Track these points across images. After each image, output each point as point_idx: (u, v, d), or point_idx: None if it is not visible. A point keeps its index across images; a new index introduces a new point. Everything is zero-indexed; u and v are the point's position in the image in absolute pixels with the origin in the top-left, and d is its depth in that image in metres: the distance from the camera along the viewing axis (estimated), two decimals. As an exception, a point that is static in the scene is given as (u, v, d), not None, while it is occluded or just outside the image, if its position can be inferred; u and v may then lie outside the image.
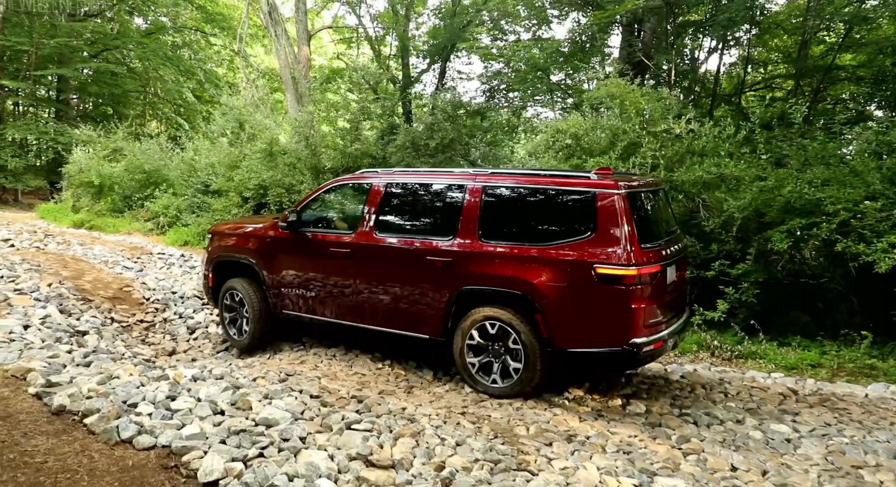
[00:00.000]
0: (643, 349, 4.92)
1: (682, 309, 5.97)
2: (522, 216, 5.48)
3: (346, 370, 6.04)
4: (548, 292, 5.08)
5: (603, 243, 4.92)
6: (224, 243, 7.36)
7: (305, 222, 6.66)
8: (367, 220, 6.15)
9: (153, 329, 8.23)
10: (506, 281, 5.28)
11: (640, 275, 4.85)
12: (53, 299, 7.75)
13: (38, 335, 6.38)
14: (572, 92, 19.86)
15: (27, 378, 4.99)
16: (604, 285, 4.88)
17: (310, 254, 6.50)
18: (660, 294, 5.18)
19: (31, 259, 9.40)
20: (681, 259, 5.85)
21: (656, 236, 5.42)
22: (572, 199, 5.20)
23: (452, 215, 5.68)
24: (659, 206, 5.93)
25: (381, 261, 5.99)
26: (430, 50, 24.83)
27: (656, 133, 8.92)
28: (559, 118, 10.22)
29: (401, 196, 6.24)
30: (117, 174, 17.55)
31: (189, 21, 30.53)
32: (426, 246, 5.72)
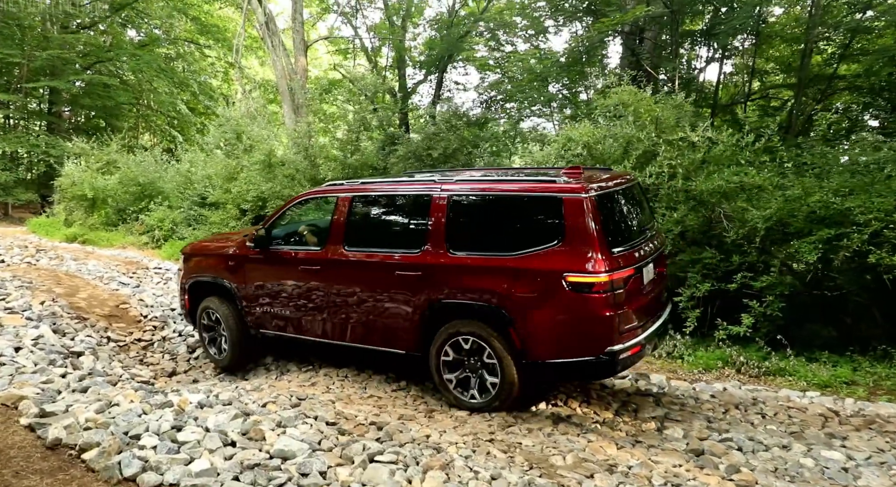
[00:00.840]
0: (620, 356, 4.75)
1: (662, 307, 5.77)
2: (490, 225, 5.28)
3: (360, 392, 5.68)
4: (519, 304, 4.90)
5: (572, 250, 4.74)
6: (197, 263, 7.23)
7: (275, 238, 6.51)
8: (335, 234, 5.98)
9: (152, 349, 7.87)
10: (476, 294, 5.11)
11: (612, 281, 4.67)
12: (46, 318, 7.37)
13: (30, 357, 6.00)
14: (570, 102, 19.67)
15: (19, 407, 4.62)
16: (575, 293, 4.71)
17: (281, 271, 6.35)
18: (636, 297, 5.00)
19: (22, 276, 9.01)
20: (659, 256, 5.68)
21: (630, 236, 5.25)
22: (539, 205, 5.01)
23: (420, 226, 5.51)
24: (633, 203, 5.74)
25: (352, 277, 5.85)
26: (426, 61, 24.62)
27: (672, 141, 8.63)
28: (569, 126, 9.87)
29: (368, 208, 6.07)
30: (111, 187, 17.15)
31: (183, 33, 30.26)
32: (395, 260, 5.56)
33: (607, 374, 5.22)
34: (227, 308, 6.83)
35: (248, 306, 6.65)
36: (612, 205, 5.19)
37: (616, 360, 4.74)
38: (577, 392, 6.20)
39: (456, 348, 5.33)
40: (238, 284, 6.70)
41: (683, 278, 8.32)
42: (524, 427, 4.95)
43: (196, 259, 7.29)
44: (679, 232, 8.11)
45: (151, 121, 32.30)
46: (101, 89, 26.97)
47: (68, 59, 26.50)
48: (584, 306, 4.70)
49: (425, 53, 26.21)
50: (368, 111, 15.82)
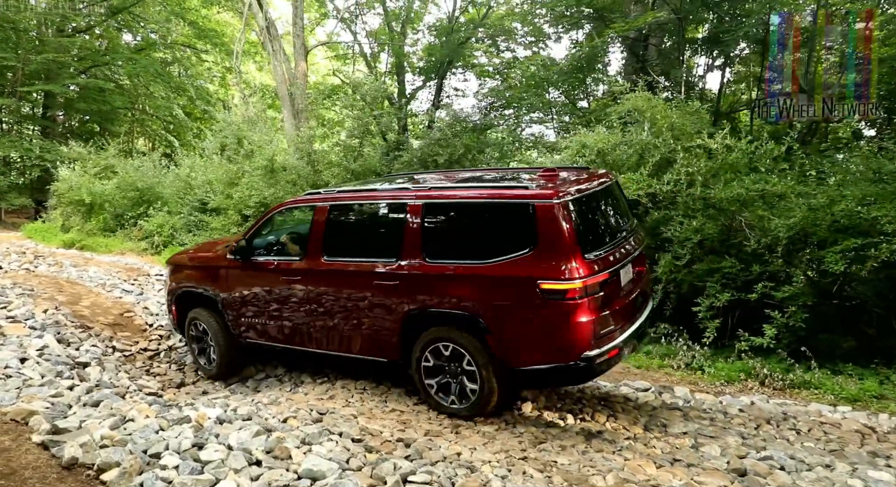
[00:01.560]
0: (597, 361, 4.72)
1: (642, 306, 5.70)
2: (465, 232, 5.28)
3: (381, 406, 5.48)
4: (494, 312, 4.89)
5: (545, 257, 4.68)
6: (182, 274, 7.20)
7: (256, 249, 6.51)
8: (314, 244, 5.95)
9: (158, 359, 7.65)
10: (452, 303, 5.09)
11: (587, 287, 4.63)
12: (50, 328, 7.14)
13: (36, 369, 5.78)
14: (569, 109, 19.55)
15: (29, 423, 4.40)
16: (550, 300, 4.66)
17: (262, 282, 6.34)
18: (612, 300, 4.95)
19: (22, 283, 8.76)
20: (637, 255, 5.62)
21: (606, 238, 5.22)
22: (512, 212, 4.94)
23: (396, 234, 5.45)
24: (610, 203, 5.71)
25: (333, 287, 5.80)
26: (427, 67, 24.49)
27: (690, 148, 8.50)
28: (582, 132, 9.72)
29: (345, 217, 6.04)
30: (109, 192, 16.89)
31: (180, 37, 30.00)
32: (373, 269, 5.51)
33: (584, 379, 5.20)
34: (214, 319, 6.81)
35: (233, 316, 6.64)
36: (587, 208, 5.13)
37: (593, 365, 4.72)
38: (601, 406, 6.03)
39: (436, 354, 5.32)
40: (223, 295, 6.68)
41: (702, 288, 8.17)
42: (556, 444, 4.76)
43: (181, 270, 7.25)
44: (698, 241, 7.95)
45: (147, 126, 32.00)
46: (97, 93, 26.68)
47: (64, 63, 26.21)
48: (558, 313, 4.67)
49: (424, 59, 26.12)
50: (371, 117, 15.65)
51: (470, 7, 25.53)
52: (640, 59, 15.85)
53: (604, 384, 6.94)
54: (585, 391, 6.67)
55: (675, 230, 8.17)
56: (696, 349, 7.98)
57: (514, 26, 24.26)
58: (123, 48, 29.19)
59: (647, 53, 15.90)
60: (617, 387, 6.77)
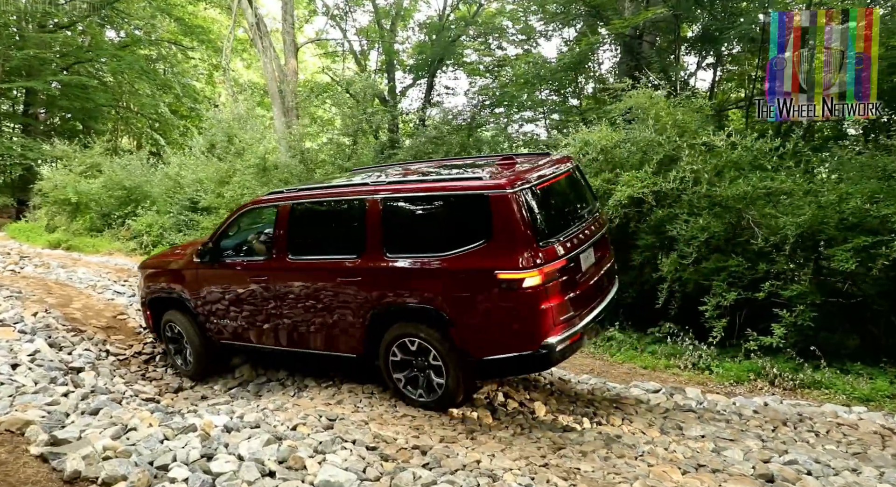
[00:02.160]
0: (558, 348, 4.74)
1: (605, 290, 5.71)
2: (423, 226, 5.35)
3: (391, 411, 5.30)
4: (456, 305, 4.93)
5: (501, 247, 4.72)
6: (155, 277, 7.23)
7: (223, 250, 6.55)
8: (279, 243, 5.99)
9: (153, 363, 7.43)
10: (414, 297, 5.13)
11: (544, 275, 4.65)
12: (41, 331, 6.89)
13: (29, 375, 5.55)
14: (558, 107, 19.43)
15: (26, 434, 4.19)
16: (507, 290, 4.69)
17: (231, 282, 6.39)
18: (572, 286, 4.97)
19: (9, 285, 8.49)
20: (599, 240, 5.67)
21: (564, 224, 5.24)
22: (467, 203, 4.98)
23: (357, 231, 5.50)
24: (569, 188, 5.75)
25: (298, 285, 5.84)
26: (418, 64, 24.28)
27: (695, 146, 8.39)
28: (584, 130, 9.58)
29: (308, 216, 6.02)
30: (95, 191, 16.55)
31: (166, 34, 29.51)
32: (337, 266, 5.55)
33: (546, 366, 5.23)
34: (187, 321, 6.84)
35: (205, 318, 6.69)
36: (543, 195, 5.10)
37: (554, 352, 4.73)
38: (614, 408, 5.90)
39: (403, 349, 5.35)
40: (193, 297, 6.71)
41: (707, 287, 8.07)
42: (576, 450, 4.61)
43: (153, 273, 7.29)
44: (704, 239, 7.84)
45: (132, 124, 31.47)
46: (80, 91, 26.20)
47: (45, 59, 25.69)
48: (517, 302, 4.69)
49: (415, 57, 25.91)
50: (363, 115, 15.44)
51: (461, 5, 25.39)
52: (634, 57, 15.78)
53: (613, 385, 6.83)
54: (595, 392, 6.54)
55: (682, 229, 8.06)
56: (702, 348, 7.88)
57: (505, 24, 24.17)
58: (107, 45, 28.68)
59: (641, 51, 15.83)
60: (627, 388, 6.65)
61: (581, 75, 18.45)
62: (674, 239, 8.44)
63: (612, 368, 7.95)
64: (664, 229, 8.62)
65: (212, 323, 6.66)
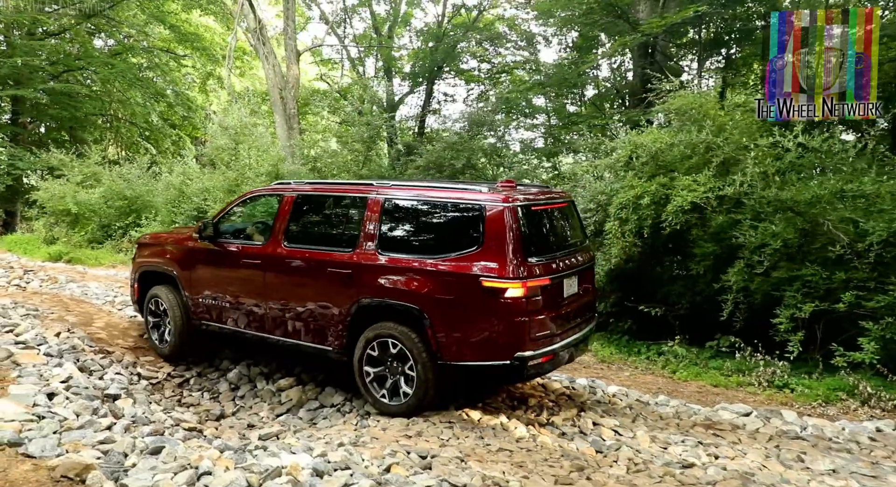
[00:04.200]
0: (530, 362, 4.90)
1: (586, 321, 5.90)
2: (418, 229, 5.58)
3: (480, 443, 4.71)
4: (437, 305, 5.07)
5: (489, 256, 4.93)
6: (149, 252, 7.36)
7: (222, 233, 6.68)
8: (277, 231, 6.16)
9: (188, 386, 6.80)
10: (398, 294, 5.28)
11: (527, 288, 4.84)
12: (67, 354, 6.23)
13: (69, 406, 4.90)
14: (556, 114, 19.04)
15: (87, 481, 3.56)
16: (489, 298, 4.87)
17: (225, 264, 6.54)
18: (552, 307, 5.16)
19: (23, 302, 7.81)
20: (584, 271, 5.84)
21: (551, 249, 5.45)
22: (463, 212, 5.25)
23: (354, 226, 5.74)
24: (561, 219, 5.97)
25: (289, 272, 6.00)
26: (416, 72, 23.83)
27: (759, 147, 7.93)
28: (634, 132, 9.10)
29: (309, 208, 6.31)
30: (95, 201, 15.82)
31: (158, 42, 28.72)
32: (330, 257, 5.73)
33: (516, 379, 5.47)
34: (174, 298, 6.90)
35: (191, 297, 6.77)
36: (535, 217, 5.38)
37: (525, 366, 4.88)
38: (713, 436, 5.36)
39: (380, 347, 5.41)
40: (183, 275, 6.82)
41: (778, 298, 7.59)
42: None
43: (149, 249, 7.40)
44: (778, 247, 7.35)
45: (122, 133, 30.56)
46: (68, 99, 25.38)
47: (35, 67, 24.84)
48: (497, 310, 4.86)
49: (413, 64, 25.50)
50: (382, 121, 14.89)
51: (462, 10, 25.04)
52: (653, 61, 15.45)
53: (696, 407, 6.29)
54: (681, 415, 6.00)
55: (749, 235, 7.58)
56: (776, 364, 7.40)
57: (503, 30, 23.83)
58: (98, 53, 27.84)
59: (655, 54, 15.51)
60: (714, 411, 6.11)
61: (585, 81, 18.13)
62: (738, 247, 7.97)
63: (680, 386, 7.43)
64: (725, 236, 8.15)
65: (197, 303, 6.74)
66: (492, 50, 23.66)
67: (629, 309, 9.63)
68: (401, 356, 5.30)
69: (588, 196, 9.24)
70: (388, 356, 5.38)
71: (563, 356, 5.40)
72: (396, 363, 5.36)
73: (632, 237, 8.53)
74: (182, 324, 6.85)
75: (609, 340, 9.63)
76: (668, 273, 9.43)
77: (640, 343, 9.34)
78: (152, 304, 7.13)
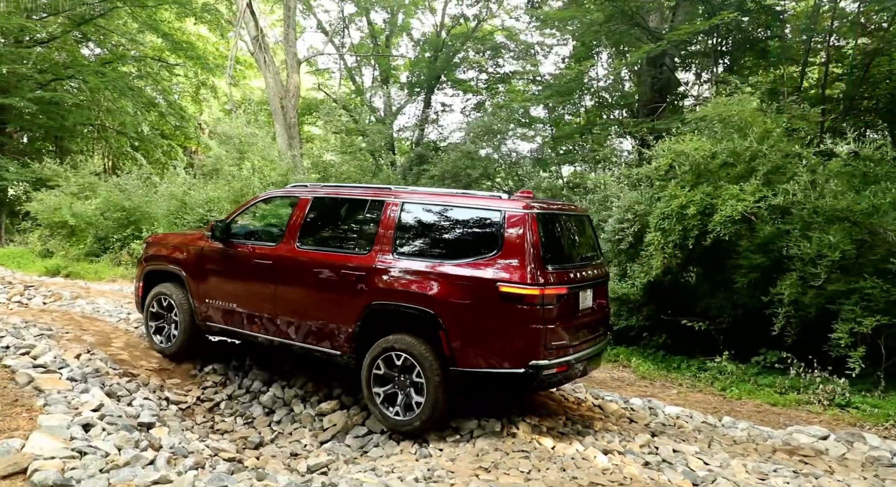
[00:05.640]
0: (544, 372, 4.83)
1: (600, 336, 5.81)
2: (436, 233, 5.52)
3: (564, 475, 4.30)
4: (452, 309, 4.99)
5: (508, 261, 4.88)
6: (157, 252, 7.22)
7: (234, 234, 6.58)
8: (291, 232, 6.10)
9: (219, 411, 6.32)
10: (412, 297, 5.19)
11: (544, 295, 4.79)
12: (92, 378, 5.75)
13: (108, 439, 4.43)
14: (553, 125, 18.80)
15: (155, 532, 3.09)
16: (506, 303, 4.81)
17: (235, 265, 6.43)
18: (568, 318, 5.11)
19: (34, 320, 7.28)
20: (599, 286, 5.76)
21: (569, 260, 5.43)
22: (482, 217, 5.22)
23: (370, 229, 5.68)
24: (577, 232, 5.94)
25: (302, 274, 5.89)
26: (414, 82, 23.55)
27: (807, 155, 7.66)
28: (671, 140, 8.77)
29: (325, 210, 6.25)
30: (92, 213, 15.24)
31: (150, 51, 28.11)
32: (344, 259, 5.66)
33: (529, 388, 5.31)
34: (182, 295, 6.77)
35: (199, 296, 6.64)
36: (554, 227, 5.36)
37: (540, 375, 4.80)
38: (802, 464, 4.99)
39: (388, 364, 5.30)
40: (192, 274, 6.70)
41: (834, 312, 7.28)
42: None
43: (156, 248, 7.26)
44: (836, 258, 7.04)
45: (110, 143, 29.81)
46: (57, 108, 24.70)
47: (22, 75, 24.14)
48: (513, 317, 4.80)
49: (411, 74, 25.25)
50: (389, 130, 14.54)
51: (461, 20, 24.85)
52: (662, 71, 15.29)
53: (767, 430, 5.93)
54: (756, 439, 5.63)
55: (804, 246, 7.27)
56: (837, 381, 7.08)
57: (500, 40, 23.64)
58: (86, 60, 27.18)
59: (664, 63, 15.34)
60: (789, 434, 5.76)
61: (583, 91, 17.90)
62: (785, 258, 7.67)
63: (735, 405, 7.08)
64: (773, 248, 7.85)
65: (203, 303, 6.60)
66: (491, 61, 23.51)
67: (663, 323, 9.30)
68: (410, 367, 5.16)
69: (624, 206, 8.90)
70: (398, 369, 5.25)
71: (577, 369, 5.29)
72: (405, 377, 5.22)
73: (672, 249, 8.20)
74: (189, 323, 6.71)
75: (643, 355, 9.28)
76: (704, 286, 9.12)
77: (678, 358, 9.00)
78: (155, 305, 7.00)
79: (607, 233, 9.08)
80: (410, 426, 5.20)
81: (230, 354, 7.26)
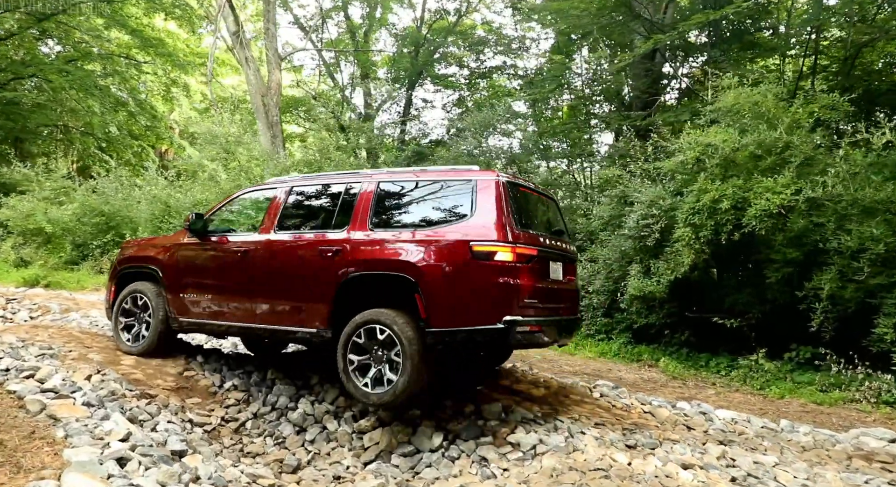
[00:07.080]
0: (517, 328, 4.94)
1: (570, 310, 5.96)
2: (411, 206, 5.72)
3: (658, 496, 3.96)
4: (427, 272, 5.11)
5: (480, 222, 5.09)
6: (131, 253, 7.22)
7: (212, 230, 6.57)
8: (270, 220, 6.22)
9: (245, 431, 5.83)
10: (388, 264, 5.33)
11: (515, 253, 4.97)
12: (109, 402, 5.22)
13: (147, 474, 3.96)
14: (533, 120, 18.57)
15: None
16: (479, 261, 4.99)
17: (214, 257, 6.45)
18: (539, 280, 5.22)
19: (31, 338, 6.67)
20: (568, 263, 5.97)
21: (538, 228, 5.61)
22: (456, 187, 5.42)
23: (348, 208, 5.82)
24: (546, 210, 6.17)
25: (280, 257, 6.00)
26: (398, 77, 23.10)
27: (840, 146, 7.44)
28: (698, 131, 8.48)
29: (303, 197, 6.40)
30: (68, 219, 14.48)
31: (115, 47, 27.00)
32: (320, 238, 5.81)
33: (504, 343, 5.29)
34: (156, 291, 6.69)
35: (173, 293, 6.58)
36: (523, 200, 5.55)
37: (514, 330, 4.90)
38: (886, 472, 4.73)
39: (369, 336, 5.29)
40: (168, 269, 6.66)
41: (875, 306, 7.08)
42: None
43: (133, 250, 7.28)
44: (881, 251, 6.83)
45: (75, 145, 28.61)
46: (18, 109, 23.60)
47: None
48: (486, 273, 4.96)
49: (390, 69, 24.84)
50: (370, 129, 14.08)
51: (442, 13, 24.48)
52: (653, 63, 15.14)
53: (831, 433, 5.67)
54: (825, 445, 5.36)
55: (845, 239, 7.05)
56: (880, 377, 6.88)
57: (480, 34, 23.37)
58: (47, 58, 26.01)
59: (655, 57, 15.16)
60: (855, 438, 5.50)
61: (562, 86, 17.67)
62: (821, 252, 7.46)
63: (781, 405, 6.85)
64: (807, 242, 7.63)
65: (178, 298, 6.54)
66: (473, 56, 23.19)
67: (686, 320, 9.06)
68: (388, 342, 5.18)
69: (646, 201, 8.59)
70: (376, 342, 5.24)
71: (551, 333, 5.37)
72: (383, 351, 5.22)
73: (700, 244, 7.94)
74: (163, 320, 6.58)
75: (666, 352, 9.04)
76: (732, 281, 8.88)
77: (703, 355, 8.78)
78: (127, 301, 6.85)
79: (629, 230, 8.78)
80: (386, 399, 5.16)
81: (250, 368, 6.75)
